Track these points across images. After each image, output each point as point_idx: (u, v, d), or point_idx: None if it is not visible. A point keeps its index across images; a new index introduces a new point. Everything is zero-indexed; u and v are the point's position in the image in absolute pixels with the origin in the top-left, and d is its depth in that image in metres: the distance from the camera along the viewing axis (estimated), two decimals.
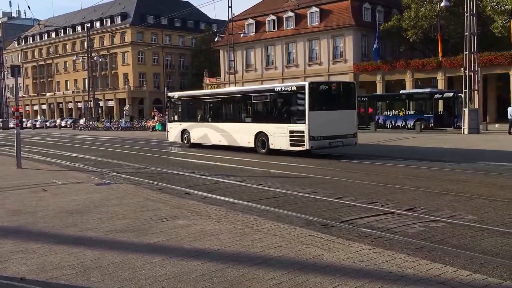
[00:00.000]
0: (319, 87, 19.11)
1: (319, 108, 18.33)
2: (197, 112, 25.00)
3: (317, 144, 18.20)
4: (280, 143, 19.25)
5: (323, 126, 18.14)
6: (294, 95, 18.91)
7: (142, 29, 74.01)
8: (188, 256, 5.69)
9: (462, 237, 6.74)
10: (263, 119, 20.42)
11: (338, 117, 18.77)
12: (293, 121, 18.78)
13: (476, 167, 14.48)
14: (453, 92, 35.19)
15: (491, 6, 40.96)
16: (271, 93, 20.34)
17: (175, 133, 26.00)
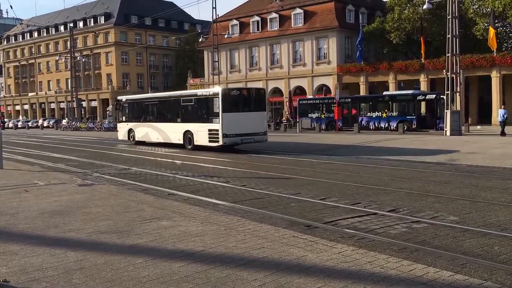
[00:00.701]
0: (231, 92, 22.77)
1: (232, 110, 21.50)
2: (140, 114, 28.24)
3: (230, 141, 21.45)
4: (202, 140, 22.53)
5: (235, 125, 21.34)
6: (211, 99, 22.17)
7: (125, 29, 73.51)
8: (171, 257, 5.66)
9: (444, 238, 6.81)
10: (189, 119, 23.65)
11: (249, 118, 21.92)
12: (210, 121, 21.93)
13: (459, 168, 14.66)
14: (435, 94, 35.59)
15: (473, 9, 41.58)
16: (195, 97, 23.74)
17: (123, 132, 29.59)
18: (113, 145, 28.31)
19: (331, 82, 48.66)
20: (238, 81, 57.31)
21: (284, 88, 52.46)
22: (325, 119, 39.84)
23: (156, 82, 78.13)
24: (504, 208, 8.68)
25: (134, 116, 28.61)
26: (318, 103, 41.56)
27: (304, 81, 51.77)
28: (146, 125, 27.27)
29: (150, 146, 26.57)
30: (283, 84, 53.12)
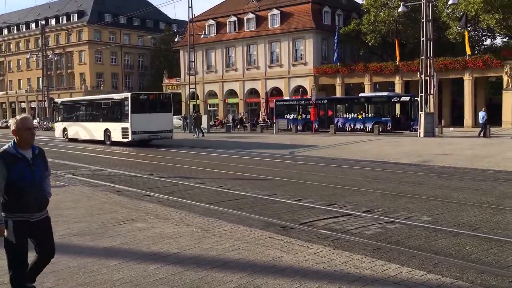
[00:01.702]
0: (139, 97, 27.59)
1: (140, 111, 25.79)
2: (72, 115, 32.47)
3: (138, 137, 26.01)
4: (117, 136, 26.87)
5: (142, 124, 25.59)
6: (123, 102, 26.54)
7: (99, 27, 72.38)
8: (146, 259, 5.60)
9: (418, 238, 6.91)
10: (108, 119, 27.97)
11: (155, 118, 26.26)
12: (123, 120, 26.32)
13: (432, 170, 14.90)
14: (409, 96, 36.09)
15: (446, 13, 42.30)
16: (111, 101, 28.30)
17: (59, 131, 33.75)
18: (87, 146, 27.91)
19: (308, 83, 48.91)
20: (214, 82, 57.16)
21: (261, 89, 52.51)
22: (301, 120, 40.01)
23: (131, 82, 77.22)
24: (475, 208, 8.85)
25: (67, 117, 32.85)
26: (295, 104, 41.73)
27: (280, 82, 51.92)
28: (77, 124, 31.65)
29: (82, 143, 30.51)
30: (259, 85, 53.17)
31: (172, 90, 62.83)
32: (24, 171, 4.03)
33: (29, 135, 4.12)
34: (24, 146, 4.11)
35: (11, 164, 3.99)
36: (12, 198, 4.00)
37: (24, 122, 4.10)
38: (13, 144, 4.10)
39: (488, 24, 40.42)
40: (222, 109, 57.52)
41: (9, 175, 3.96)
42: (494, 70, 40.06)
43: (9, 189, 3.99)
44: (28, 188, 4.04)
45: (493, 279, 5.20)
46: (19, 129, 4.08)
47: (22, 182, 4.00)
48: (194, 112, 40.29)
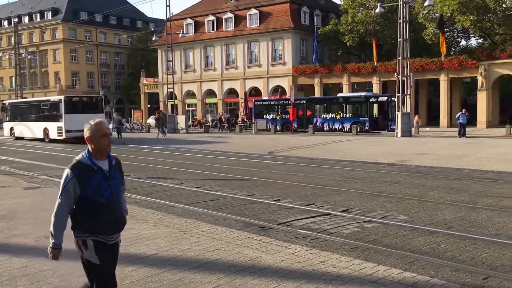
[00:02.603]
0: (72, 99, 30.76)
1: (72, 112, 28.94)
2: (18, 115, 35.65)
3: (71, 135, 28.81)
4: (54, 134, 30.38)
5: (75, 123, 27.22)
6: (58, 104, 30.14)
7: (74, 25, 71.16)
8: (122, 261, 5.50)
9: (394, 236, 6.98)
10: (47, 119, 31.32)
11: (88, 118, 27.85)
12: (58, 120, 29.88)
13: (409, 169, 15.09)
14: (387, 96, 36.48)
15: (422, 14, 42.93)
16: (49, 102, 31.81)
17: (7, 130, 36.87)
18: (61, 146, 27.50)
19: (287, 83, 49.07)
20: (193, 81, 56.89)
21: (240, 89, 52.48)
22: (280, 120, 40.12)
23: (107, 81, 76.20)
24: (450, 207, 8.99)
25: (14, 117, 36.07)
26: (274, 104, 41.81)
27: (259, 82, 51.97)
28: (22, 124, 34.82)
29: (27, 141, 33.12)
30: (238, 84, 53.13)
31: (150, 89, 62.40)
32: (101, 186, 3.48)
33: (106, 142, 3.55)
34: (100, 156, 3.56)
35: (86, 178, 3.45)
36: (87, 218, 3.46)
37: (99, 127, 3.55)
38: (87, 153, 3.55)
39: (463, 25, 41.16)
40: (200, 109, 57.31)
41: (83, 190, 3.43)
42: (469, 71, 40.81)
43: (84, 207, 3.46)
44: (106, 206, 3.49)
45: (468, 276, 5.29)
46: (94, 136, 3.52)
47: (99, 198, 3.46)
48: (157, 113, 40.25)
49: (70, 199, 3.44)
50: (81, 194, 3.43)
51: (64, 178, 3.46)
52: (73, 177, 3.42)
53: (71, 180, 3.42)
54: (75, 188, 3.42)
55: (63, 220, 3.49)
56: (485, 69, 39.20)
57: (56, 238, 3.51)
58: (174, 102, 46.41)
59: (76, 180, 3.42)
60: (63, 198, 3.44)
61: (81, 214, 3.48)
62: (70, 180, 3.42)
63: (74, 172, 3.43)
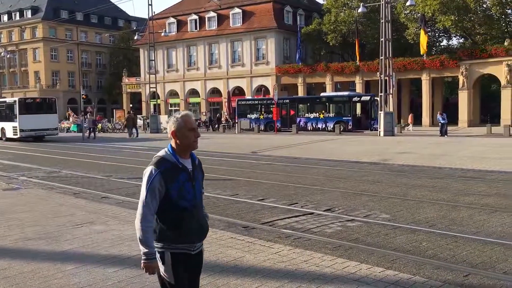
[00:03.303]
0: (26, 100, 33.53)
1: (26, 112, 31.23)
2: None
3: (26, 134, 31.28)
4: (10, 133, 32.14)
5: (29, 123, 30.85)
6: (13, 105, 32.21)
7: (55, 24, 70.22)
8: (104, 263, 5.48)
9: (376, 235, 7.03)
10: (3, 119, 33.14)
11: (41, 119, 31.37)
12: (13, 120, 31.73)
13: (391, 168, 15.21)
14: (370, 96, 36.76)
15: (404, 14, 43.34)
16: (5, 104, 33.70)
17: None
18: (41, 147, 27.16)
19: (270, 83, 49.13)
20: (175, 81, 56.62)
21: (223, 89, 52.39)
22: (264, 119, 40.15)
23: (89, 81, 75.30)
24: (432, 205, 9.08)
25: None
26: (257, 104, 41.83)
27: (243, 81, 51.95)
28: None
29: None
30: (222, 84, 53.04)
31: (132, 89, 61.95)
32: (186, 187, 3.07)
33: (193, 138, 3.14)
34: (185, 154, 3.15)
35: (171, 176, 3.03)
36: (170, 224, 3.05)
37: (186, 120, 3.13)
38: (171, 149, 3.13)
39: (445, 25, 41.65)
40: (183, 109, 57.02)
41: (168, 191, 3.01)
42: (450, 70, 41.33)
43: (167, 211, 3.04)
44: (190, 210, 3.08)
45: (449, 274, 5.34)
46: (180, 130, 3.10)
47: (184, 202, 3.05)
48: (127, 113, 40.08)
49: (156, 199, 3.01)
50: (164, 195, 3.03)
51: (148, 176, 3.03)
52: (158, 173, 3.00)
53: (156, 177, 2.99)
54: (161, 187, 3.01)
55: (151, 223, 3.02)
56: (466, 69, 39.74)
57: (149, 246, 3.00)
58: (156, 102, 46.15)
59: (161, 177, 3.00)
60: (148, 197, 2.99)
61: (162, 219, 3.05)
62: (156, 177, 2.99)
63: (159, 168, 3.02)
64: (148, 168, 3.07)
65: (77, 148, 25.55)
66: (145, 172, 3.07)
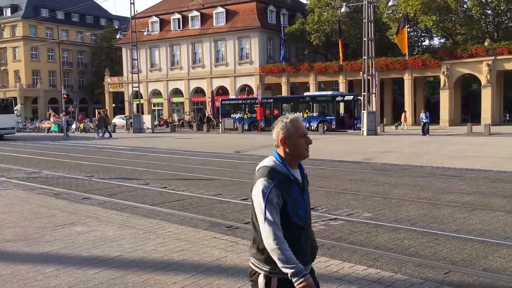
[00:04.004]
0: None
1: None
2: None
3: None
4: None
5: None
6: None
7: (35, 23, 69.22)
8: (85, 264, 5.42)
9: (359, 233, 7.07)
10: None
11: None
12: None
13: (374, 167, 15.32)
14: (353, 95, 37.00)
15: (387, 14, 43.71)
16: None
17: None
18: (23, 147, 26.77)
19: (254, 82, 49.15)
20: (159, 80, 56.30)
21: (207, 88, 52.24)
22: (247, 119, 40.15)
23: (70, 80, 74.38)
24: (413, 203, 9.17)
25: None
26: (241, 103, 41.81)
27: (226, 81, 51.87)
28: None
29: None
30: (205, 83, 52.89)
31: (114, 89, 61.43)
32: (298, 202, 2.70)
33: (305, 145, 2.78)
34: (295, 163, 2.78)
35: (286, 190, 2.66)
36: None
37: (296, 125, 2.77)
38: (279, 159, 2.75)
39: (426, 25, 42.11)
40: (167, 109, 56.77)
41: (284, 206, 2.65)
42: (432, 70, 41.82)
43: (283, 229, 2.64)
44: (303, 227, 2.72)
45: (429, 271, 5.39)
46: (291, 136, 2.73)
47: (297, 219, 2.69)
48: (98, 113, 39.83)
49: (277, 214, 2.61)
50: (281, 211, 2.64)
51: (261, 190, 2.62)
52: (274, 186, 2.61)
53: (273, 190, 2.61)
54: (279, 200, 2.62)
55: (284, 241, 2.60)
56: (447, 69, 40.23)
57: (294, 262, 2.57)
58: (139, 102, 45.81)
59: (278, 189, 2.62)
60: (269, 213, 2.59)
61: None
62: (272, 190, 2.61)
63: (274, 180, 2.63)
64: (258, 182, 2.66)
65: (58, 148, 25.24)
66: (256, 186, 2.67)
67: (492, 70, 38.26)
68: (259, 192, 2.63)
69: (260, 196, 2.62)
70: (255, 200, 2.67)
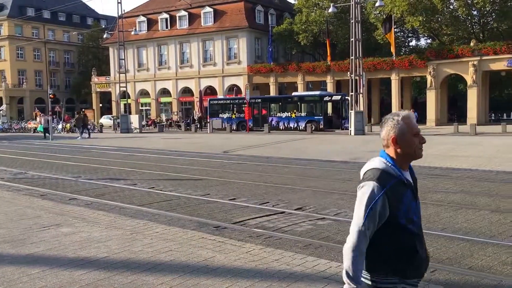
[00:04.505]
0: None
1: None
2: None
3: None
4: None
5: None
6: None
7: (21, 22, 68.46)
8: (71, 265, 5.37)
9: (346, 233, 6.99)
10: None
11: None
12: None
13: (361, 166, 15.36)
14: (341, 95, 37.17)
15: (374, 14, 43.96)
16: None
17: None
18: (8, 147, 26.49)
19: (242, 82, 49.14)
20: (146, 80, 56.06)
21: (195, 88, 52.12)
22: (235, 119, 40.13)
23: (57, 80, 73.65)
24: None
25: None
26: (229, 103, 41.78)
27: (214, 81, 51.80)
28: None
29: None
30: (193, 83, 52.76)
31: (102, 88, 61.02)
32: (412, 208, 2.49)
33: (419, 144, 2.55)
34: (406, 164, 2.57)
35: (398, 196, 2.43)
36: (399, 255, 2.44)
37: (409, 123, 2.53)
38: (390, 160, 2.53)
39: (413, 26, 42.43)
40: (154, 108, 56.53)
41: (393, 214, 2.42)
42: (418, 70, 42.15)
43: (393, 238, 2.44)
44: (420, 236, 2.52)
45: None
46: (404, 135, 2.51)
47: (412, 226, 2.47)
48: (77, 114, 39.67)
49: (374, 225, 2.43)
50: (388, 219, 2.43)
51: (368, 195, 2.42)
52: (383, 194, 2.40)
53: (380, 198, 2.39)
54: (383, 210, 2.41)
55: (363, 256, 2.44)
56: (434, 69, 40.58)
57: (358, 282, 2.42)
58: (127, 101, 45.59)
59: (386, 198, 2.40)
60: (367, 223, 2.40)
61: (389, 248, 2.45)
62: (380, 198, 2.39)
63: (384, 187, 2.41)
64: (367, 184, 2.45)
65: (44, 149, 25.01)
66: (364, 189, 2.47)
67: (478, 71, 38.68)
68: (365, 195, 2.43)
69: (364, 200, 2.43)
70: (359, 201, 2.47)
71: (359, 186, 2.51)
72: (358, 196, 2.48)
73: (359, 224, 2.42)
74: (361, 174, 2.60)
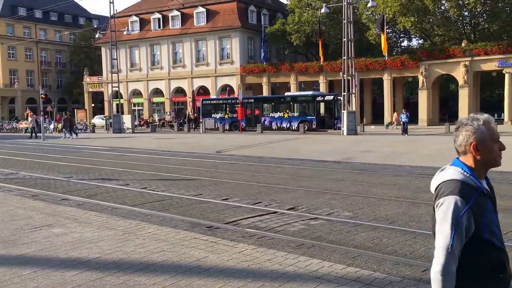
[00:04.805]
0: None
1: None
2: None
3: None
4: None
5: None
6: None
7: (12, 21, 67.89)
8: (63, 266, 5.35)
9: (339, 233, 7.12)
10: None
11: None
12: None
13: (354, 166, 15.45)
14: (333, 95, 37.25)
15: (366, 15, 44.11)
16: None
17: None
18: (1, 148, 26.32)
19: (235, 82, 49.11)
20: (139, 80, 55.88)
21: (188, 88, 52.02)
22: (228, 119, 40.11)
23: (48, 80, 73.14)
24: (392, 202, 9.27)
25: None
26: (222, 103, 41.76)
27: (207, 81, 51.74)
28: None
29: None
30: (186, 83, 52.67)
31: (94, 88, 60.76)
32: (494, 220, 2.27)
33: (498, 151, 2.30)
34: (484, 173, 2.34)
35: (480, 210, 2.22)
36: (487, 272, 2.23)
37: (490, 128, 2.29)
38: (468, 170, 2.29)
39: (405, 26, 42.61)
40: (147, 109, 56.38)
41: (479, 230, 2.21)
42: (410, 70, 42.33)
43: (478, 254, 2.23)
44: (503, 249, 2.29)
45: (408, 269, 5.46)
46: (485, 141, 2.27)
47: (496, 239, 2.25)
48: (64, 115, 39.65)
49: (461, 242, 2.21)
50: (472, 235, 2.22)
51: (452, 211, 2.18)
52: (467, 210, 2.18)
53: (465, 214, 2.18)
54: (469, 225, 2.20)
55: (454, 278, 2.21)
56: (426, 69, 40.78)
57: None
58: (119, 101, 45.41)
59: (471, 213, 2.19)
60: (455, 241, 2.18)
61: (477, 267, 2.23)
62: (465, 214, 2.18)
63: (469, 201, 2.19)
64: (448, 200, 2.21)
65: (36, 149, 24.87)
66: (445, 205, 2.22)
67: (469, 71, 38.92)
68: (450, 212, 2.19)
69: (449, 217, 2.19)
70: (442, 220, 2.22)
71: (437, 203, 2.26)
72: (439, 215, 2.24)
73: (447, 244, 2.19)
74: (432, 185, 2.39)
